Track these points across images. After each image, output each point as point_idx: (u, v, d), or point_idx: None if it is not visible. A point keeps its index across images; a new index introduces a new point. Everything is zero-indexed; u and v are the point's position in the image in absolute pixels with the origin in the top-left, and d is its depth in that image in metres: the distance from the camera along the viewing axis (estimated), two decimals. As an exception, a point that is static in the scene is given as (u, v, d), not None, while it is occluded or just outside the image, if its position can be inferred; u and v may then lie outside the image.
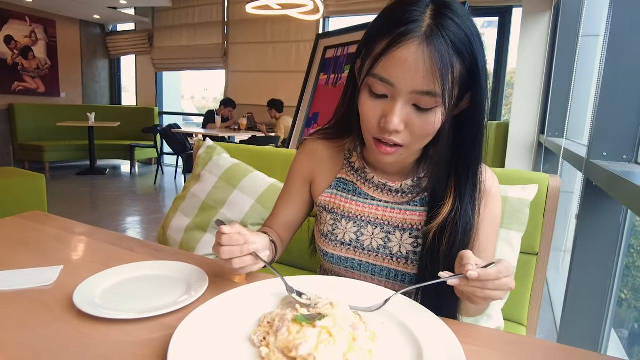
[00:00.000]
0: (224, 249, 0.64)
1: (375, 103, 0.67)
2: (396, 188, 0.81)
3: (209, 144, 1.67)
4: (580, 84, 2.52)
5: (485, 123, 0.70)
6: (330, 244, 0.83)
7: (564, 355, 0.56)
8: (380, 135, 0.68)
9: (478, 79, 0.65)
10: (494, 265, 0.58)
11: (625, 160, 1.20)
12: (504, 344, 0.59)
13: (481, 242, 0.77)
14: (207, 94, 13.98)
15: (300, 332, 0.50)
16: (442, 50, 0.60)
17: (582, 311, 1.28)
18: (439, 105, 0.63)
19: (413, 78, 0.61)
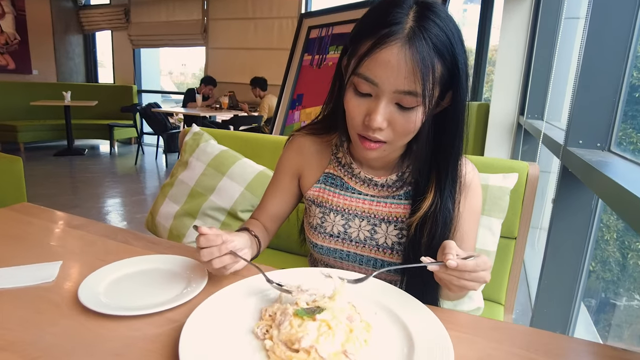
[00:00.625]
0: (203, 251, 0.67)
1: (360, 101, 0.70)
2: (381, 183, 0.85)
3: (195, 130, 1.67)
4: (560, 66, 2.58)
5: (465, 120, 0.74)
6: (319, 236, 0.87)
7: (539, 339, 0.62)
8: (364, 132, 0.71)
9: (458, 79, 0.69)
10: (473, 258, 0.62)
11: (599, 148, 1.26)
12: (486, 329, 0.64)
13: (462, 234, 0.82)
14: (185, 69, 13.62)
15: (302, 326, 0.54)
16: (424, 52, 0.63)
17: (556, 289, 1.36)
18: (420, 105, 0.66)
19: (396, 78, 0.64)
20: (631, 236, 2.07)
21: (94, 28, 7.12)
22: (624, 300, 2.23)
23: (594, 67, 1.22)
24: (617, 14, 1.21)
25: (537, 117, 2.69)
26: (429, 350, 0.53)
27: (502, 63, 3.15)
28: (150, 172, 5.33)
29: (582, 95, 1.25)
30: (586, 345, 0.61)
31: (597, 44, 1.22)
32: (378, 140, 0.71)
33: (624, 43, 1.19)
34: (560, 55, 2.59)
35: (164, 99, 8.07)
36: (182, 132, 1.72)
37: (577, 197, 1.30)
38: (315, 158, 0.91)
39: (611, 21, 1.20)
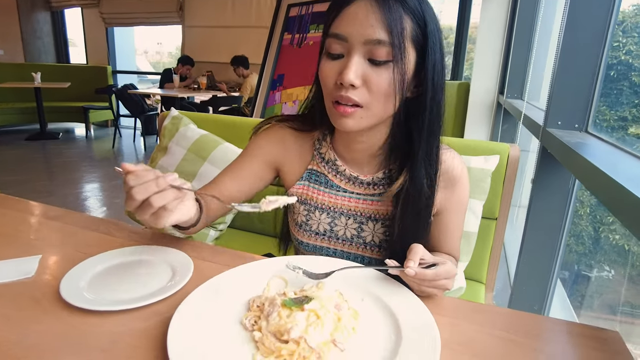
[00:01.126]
0: (136, 188, 0.56)
1: (333, 64, 0.69)
2: (367, 181, 0.82)
3: (174, 114, 1.63)
4: (540, 46, 2.60)
5: (441, 102, 0.72)
6: (305, 234, 0.86)
7: (519, 320, 0.64)
8: (338, 94, 0.68)
9: (433, 42, 0.68)
10: (436, 267, 0.64)
11: (577, 129, 1.28)
12: (468, 312, 0.66)
13: (447, 227, 0.83)
14: (161, 48, 13.20)
15: (291, 316, 0.54)
16: (390, 2, 0.64)
17: (535, 266, 1.41)
18: (394, 60, 0.65)
19: (365, 29, 0.64)
20: (602, 211, 2.15)
21: (62, 5, 6.80)
22: (595, 271, 2.33)
23: (573, 50, 1.23)
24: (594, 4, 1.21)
25: (516, 96, 2.73)
26: (417, 338, 0.54)
27: (483, 42, 3.16)
28: (128, 155, 5.21)
29: (561, 77, 1.26)
30: (564, 325, 0.63)
31: (576, 27, 1.23)
32: (353, 103, 0.68)
33: (602, 26, 1.20)
34: (540, 35, 2.61)
35: (140, 79, 7.84)
36: (161, 117, 1.68)
37: (555, 177, 1.33)
38: (297, 153, 0.87)
39: (590, 3, 1.21)
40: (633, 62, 1.81)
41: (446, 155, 0.80)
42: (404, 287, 0.66)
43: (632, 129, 1.84)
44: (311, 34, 2.93)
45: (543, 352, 0.56)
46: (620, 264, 2.21)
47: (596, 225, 2.23)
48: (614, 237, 2.17)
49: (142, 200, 0.57)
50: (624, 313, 2.23)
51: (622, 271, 2.24)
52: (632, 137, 1.76)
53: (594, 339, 0.59)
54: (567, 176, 1.31)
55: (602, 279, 2.33)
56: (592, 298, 2.37)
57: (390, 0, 0.64)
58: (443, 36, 0.71)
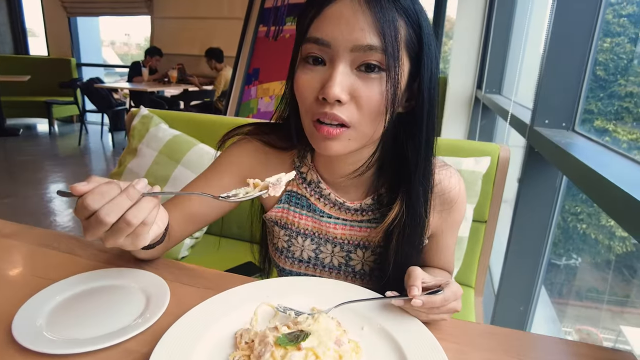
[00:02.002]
0: (105, 209, 0.46)
1: (312, 75, 0.57)
2: (355, 208, 0.73)
3: (143, 113, 1.52)
4: (516, 41, 2.60)
5: (434, 119, 0.63)
6: (287, 261, 0.77)
7: (529, 343, 0.60)
8: (320, 111, 0.57)
9: (429, 49, 0.58)
10: (442, 292, 0.57)
11: (564, 127, 1.26)
12: (475, 336, 0.61)
13: (442, 246, 0.77)
14: (129, 39, 12.74)
15: (286, 357, 0.47)
16: (382, 1, 0.54)
17: (521, 268, 1.39)
18: (388, 70, 0.55)
19: (351, 32, 0.53)
20: (570, 201, 2.18)
21: (19, -8, 6.40)
22: (564, 260, 2.38)
23: (560, 49, 1.20)
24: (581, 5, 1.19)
25: (495, 91, 2.72)
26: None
27: (460, 37, 3.14)
28: (96, 153, 4.98)
29: (549, 76, 1.24)
30: (579, 347, 0.59)
31: (563, 26, 1.20)
32: (339, 121, 0.56)
33: (589, 24, 1.17)
34: (516, 30, 2.61)
35: (107, 72, 7.52)
36: (129, 115, 1.56)
37: (543, 175, 1.31)
38: (275, 170, 0.72)
39: (577, 3, 1.18)
40: (597, 57, 1.83)
41: (442, 175, 0.72)
42: (408, 315, 0.60)
43: (597, 122, 1.88)
44: (288, 26, 2.84)
45: (561, 383, 0.52)
46: (588, 252, 2.27)
47: (564, 215, 2.27)
48: (581, 227, 2.22)
49: (113, 222, 0.47)
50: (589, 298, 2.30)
51: (589, 259, 2.31)
52: (598, 130, 1.79)
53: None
54: (555, 175, 1.29)
55: (571, 267, 2.39)
56: (561, 285, 2.43)
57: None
58: (437, 44, 0.61)
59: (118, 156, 4.81)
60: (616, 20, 1.92)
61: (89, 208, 0.46)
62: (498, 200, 1.18)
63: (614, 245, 1.98)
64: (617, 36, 1.93)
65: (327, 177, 0.73)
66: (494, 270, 1.97)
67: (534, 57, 2.12)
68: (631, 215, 0.69)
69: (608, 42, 1.91)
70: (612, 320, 2.13)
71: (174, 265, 0.76)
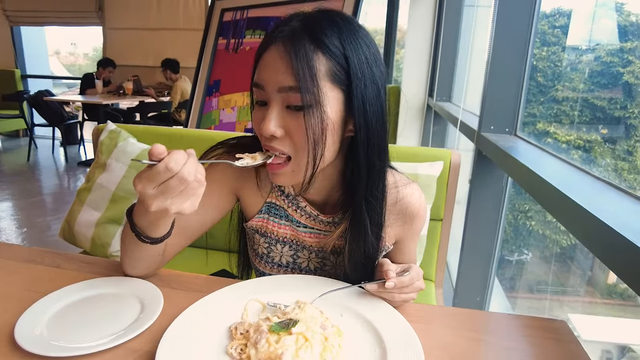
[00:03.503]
0: (185, 168, 0.53)
1: (259, 113, 0.67)
2: (327, 221, 0.79)
3: (111, 128, 1.54)
4: (463, 52, 2.80)
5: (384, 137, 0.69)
6: (267, 266, 0.84)
7: (484, 319, 0.70)
8: (266, 144, 0.66)
9: (358, 79, 0.63)
10: (408, 273, 0.68)
11: (507, 132, 1.41)
12: (438, 316, 0.70)
13: (406, 251, 0.85)
14: (75, 49, 12.22)
15: (280, 341, 0.54)
16: (299, 44, 0.61)
17: (476, 259, 1.52)
18: (309, 105, 0.61)
19: (275, 76, 0.62)
20: (520, 200, 2.38)
21: (-45, 1, 6.03)
22: (516, 255, 2.58)
23: (500, 62, 1.35)
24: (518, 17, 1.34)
25: (445, 99, 2.91)
26: (400, 348, 0.57)
27: (411, 47, 3.32)
28: (47, 169, 4.77)
29: (492, 86, 1.38)
30: (525, 319, 0.70)
31: (502, 41, 1.35)
32: (279, 152, 0.65)
33: (524, 40, 1.33)
34: (462, 41, 2.81)
35: (54, 83, 7.20)
36: (95, 131, 1.57)
37: (491, 177, 1.45)
38: (255, 183, 0.82)
39: (513, 21, 1.33)
40: (537, 64, 2.03)
41: (405, 192, 0.78)
42: (380, 300, 0.69)
43: (540, 124, 2.07)
44: (247, 39, 2.90)
45: (515, 350, 0.62)
46: (537, 247, 2.47)
47: (515, 213, 2.47)
48: (530, 224, 2.42)
49: (192, 180, 0.54)
50: (540, 290, 2.50)
51: (539, 253, 2.51)
52: (540, 132, 1.99)
53: (549, 329, 0.67)
54: (501, 176, 1.44)
55: (522, 262, 2.58)
56: (514, 280, 2.62)
57: (299, 41, 0.61)
58: (381, 65, 0.67)
59: (72, 171, 4.64)
60: (551, 31, 2.14)
61: (172, 170, 0.53)
62: (452, 200, 1.31)
63: (559, 239, 2.17)
64: (552, 45, 2.15)
65: (302, 194, 0.79)
66: (452, 266, 2.12)
67: (480, 66, 2.31)
68: (561, 209, 0.81)
69: (545, 51, 2.12)
70: (560, 309, 2.33)
71: (162, 272, 0.81)
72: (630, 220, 0.67)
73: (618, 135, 1.73)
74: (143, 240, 0.65)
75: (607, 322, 2.16)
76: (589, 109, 1.87)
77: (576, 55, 2.12)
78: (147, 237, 0.65)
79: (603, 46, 1.89)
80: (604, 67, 1.83)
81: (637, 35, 1.66)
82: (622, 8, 1.78)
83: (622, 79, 1.66)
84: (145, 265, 0.74)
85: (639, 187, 1.64)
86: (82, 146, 5.40)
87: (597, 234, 0.66)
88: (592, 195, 0.81)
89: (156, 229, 0.64)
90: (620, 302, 2.12)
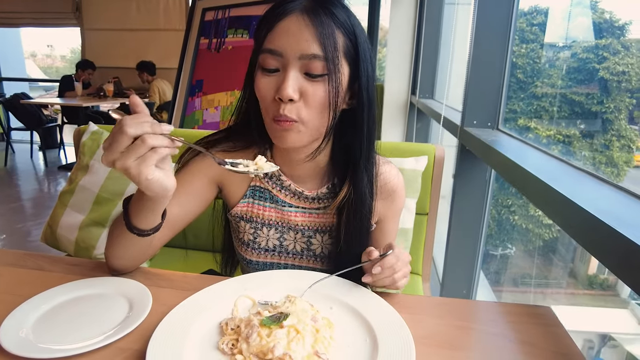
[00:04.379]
0: (130, 122, 0.53)
1: (269, 79, 0.68)
2: (312, 196, 0.83)
3: (93, 129, 1.51)
4: (444, 50, 2.83)
5: (374, 118, 0.75)
6: (253, 252, 0.85)
7: (471, 308, 0.71)
8: (277, 111, 0.68)
9: (364, 55, 0.70)
10: (391, 251, 0.70)
11: (490, 127, 1.43)
12: (427, 306, 0.71)
13: (387, 233, 0.88)
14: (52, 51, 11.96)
15: (271, 335, 0.54)
16: (322, 17, 0.65)
17: (461, 253, 1.55)
18: (329, 73, 0.66)
19: (298, 43, 0.65)
20: (503, 195, 2.42)
21: None
22: (500, 250, 2.63)
23: (481, 58, 1.37)
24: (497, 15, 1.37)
25: (427, 96, 2.94)
26: (390, 337, 0.58)
27: (393, 45, 3.34)
28: (25, 174, 4.66)
29: (474, 82, 1.40)
30: (510, 307, 0.71)
31: (483, 34, 1.38)
32: (292, 120, 0.68)
33: (503, 36, 1.35)
34: (444, 38, 2.84)
35: (30, 86, 7.04)
36: (76, 133, 1.54)
37: (474, 170, 1.47)
38: None
39: (493, 19, 1.36)
40: (517, 61, 2.08)
41: (384, 168, 0.84)
42: (368, 291, 0.70)
43: (521, 120, 2.12)
44: (229, 38, 2.88)
45: (501, 336, 0.64)
46: (520, 242, 2.52)
47: (498, 208, 2.51)
48: (513, 218, 2.47)
49: (133, 136, 0.54)
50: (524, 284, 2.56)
51: (522, 247, 2.56)
52: (521, 128, 2.03)
53: (534, 315, 0.68)
54: (484, 169, 1.46)
55: (506, 256, 2.63)
56: (498, 274, 2.67)
57: (321, 14, 0.65)
58: (373, 55, 0.73)
59: (52, 175, 4.54)
60: (529, 29, 2.18)
61: (121, 122, 0.54)
62: (437, 194, 1.32)
63: (542, 233, 2.22)
64: (531, 43, 2.19)
65: (286, 169, 0.82)
66: (438, 260, 2.14)
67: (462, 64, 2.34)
68: (544, 198, 0.83)
69: (524, 48, 2.16)
70: (544, 301, 2.39)
71: (148, 271, 0.80)
72: (608, 206, 0.69)
73: (595, 130, 1.78)
74: (131, 230, 0.67)
75: (589, 312, 2.22)
76: (568, 105, 1.92)
77: (554, 52, 2.17)
78: (136, 228, 0.67)
79: (579, 43, 1.94)
80: (580, 63, 1.88)
81: (610, 32, 1.71)
82: (596, 6, 1.83)
83: (598, 75, 1.70)
84: (132, 256, 0.74)
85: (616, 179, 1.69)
86: (62, 150, 5.29)
87: (578, 220, 0.68)
88: (573, 184, 0.83)
89: (145, 218, 0.66)
90: (601, 292, 2.18)
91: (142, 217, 0.66)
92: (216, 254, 1.08)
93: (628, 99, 1.64)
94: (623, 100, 1.66)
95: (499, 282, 2.66)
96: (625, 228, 0.56)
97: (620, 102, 1.66)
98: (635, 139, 1.65)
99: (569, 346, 0.61)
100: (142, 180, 0.56)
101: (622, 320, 2.07)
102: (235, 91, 2.83)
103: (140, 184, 0.58)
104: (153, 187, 0.58)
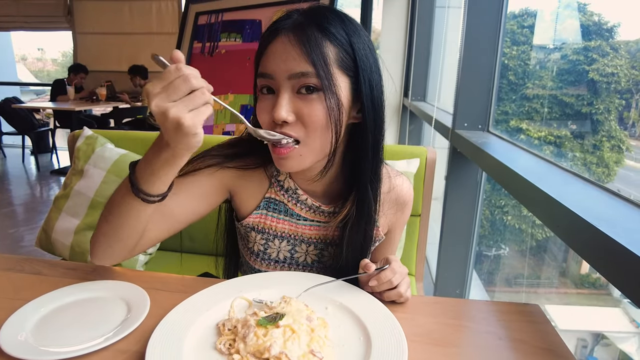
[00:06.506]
0: (192, 72, 0.54)
1: (266, 102, 0.68)
2: (329, 211, 0.81)
3: (87, 134, 1.52)
4: (436, 53, 2.86)
5: (380, 131, 0.73)
6: (263, 263, 0.84)
7: (464, 307, 0.73)
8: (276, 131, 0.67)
9: (365, 65, 0.68)
10: (388, 265, 0.71)
11: (480, 129, 1.46)
12: (420, 305, 0.73)
13: (392, 242, 0.90)
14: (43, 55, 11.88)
15: (267, 335, 0.56)
16: (309, 32, 0.64)
17: (454, 253, 1.57)
18: (324, 89, 0.64)
19: (285, 63, 0.65)
20: (496, 196, 2.45)
21: None
22: (493, 250, 2.66)
23: (471, 63, 1.40)
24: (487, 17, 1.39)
25: (419, 99, 2.97)
26: (384, 336, 0.60)
27: (385, 49, 3.38)
28: (17, 179, 4.63)
29: (464, 86, 1.43)
30: (501, 305, 0.73)
31: (473, 38, 1.40)
32: (291, 136, 0.66)
33: (493, 41, 1.38)
34: (435, 42, 2.87)
35: (21, 90, 6.99)
36: (71, 137, 1.54)
37: (465, 172, 1.50)
38: (254, 183, 0.82)
39: (482, 25, 1.39)
40: (508, 63, 2.11)
41: (397, 181, 0.84)
42: (362, 291, 0.71)
43: (512, 122, 2.15)
44: (223, 42, 2.89)
45: (493, 333, 0.65)
46: (513, 242, 2.55)
47: (492, 208, 2.54)
48: (506, 219, 2.50)
49: (195, 87, 0.54)
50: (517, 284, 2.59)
51: (516, 247, 2.59)
52: (513, 129, 2.06)
53: (523, 313, 0.70)
54: (475, 170, 1.49)
55: (500, 257, 2.66)
56: (492, 274, 2.70)
57: (308, 30, 0.64)
58: (375, 53, 0.71)
59: (45, 180, 4.52)
60: (520, 31, 2.21)
61: (181, 70, 0.54)
62: (429, 196, 1.35)
63: (535, 233, 2.25)
64: (521, 45, 2.23)
65: (301, 184, 0.81)
66: (431, 260, 2.16)
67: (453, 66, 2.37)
68: (532, 199, 0.86)
69: (515, 50, 2.19)
70: (537, 300, 2.42)
71: (146, 274, 0.81)
72: (594, 206, 0.71)
73: (586, 131, 1.81)
74: (137, 193, 0.62)
75: (581, 312, 2.26)
76: (559, 106, 1.95)
77: (544, 54, 2.20)
78: (142, 192, 0.63)
79: (569, 45, 1.97)
80: (570, 65, 1.91)
81: (599, 34, 1.75)
82: (585, 8, 1.87)
83: (588, 76, 1.73)
84: (124, 234, 0.68)
85: (607, 179, 1.73)
86: (54, 154, 5.26)
87: (565, 221, 0.70)
88: (560, 186, 0.86)
89: (157, 179, 0.62)
90: (593, 291, 2.22)
91: (154, 179, 0.62)
92: (211, 257, 1.09)
93: (617, 100, 1.68)
94: (613, 102, 1.69)
95: (493, 282, 2.69)
96: (608, 228, 0.58)
97: (610, 103, 1.70)
98: (625, 139, 1.68)
99: (556, 342, 0.63)
100: (190, 133, 0.54)
101: (615, 319, 2.10)
102: (228, 95, 2.84)
103: (186, 136, 0.54)
104: (193, 141, 0.56)
